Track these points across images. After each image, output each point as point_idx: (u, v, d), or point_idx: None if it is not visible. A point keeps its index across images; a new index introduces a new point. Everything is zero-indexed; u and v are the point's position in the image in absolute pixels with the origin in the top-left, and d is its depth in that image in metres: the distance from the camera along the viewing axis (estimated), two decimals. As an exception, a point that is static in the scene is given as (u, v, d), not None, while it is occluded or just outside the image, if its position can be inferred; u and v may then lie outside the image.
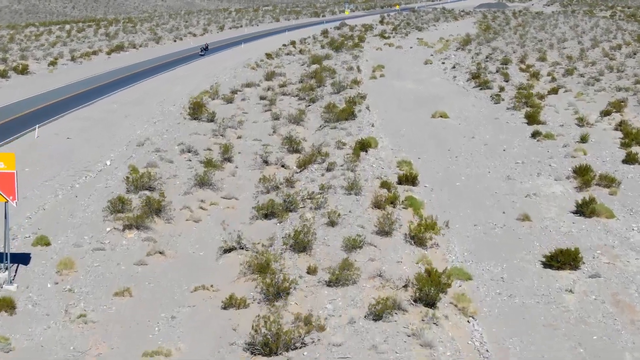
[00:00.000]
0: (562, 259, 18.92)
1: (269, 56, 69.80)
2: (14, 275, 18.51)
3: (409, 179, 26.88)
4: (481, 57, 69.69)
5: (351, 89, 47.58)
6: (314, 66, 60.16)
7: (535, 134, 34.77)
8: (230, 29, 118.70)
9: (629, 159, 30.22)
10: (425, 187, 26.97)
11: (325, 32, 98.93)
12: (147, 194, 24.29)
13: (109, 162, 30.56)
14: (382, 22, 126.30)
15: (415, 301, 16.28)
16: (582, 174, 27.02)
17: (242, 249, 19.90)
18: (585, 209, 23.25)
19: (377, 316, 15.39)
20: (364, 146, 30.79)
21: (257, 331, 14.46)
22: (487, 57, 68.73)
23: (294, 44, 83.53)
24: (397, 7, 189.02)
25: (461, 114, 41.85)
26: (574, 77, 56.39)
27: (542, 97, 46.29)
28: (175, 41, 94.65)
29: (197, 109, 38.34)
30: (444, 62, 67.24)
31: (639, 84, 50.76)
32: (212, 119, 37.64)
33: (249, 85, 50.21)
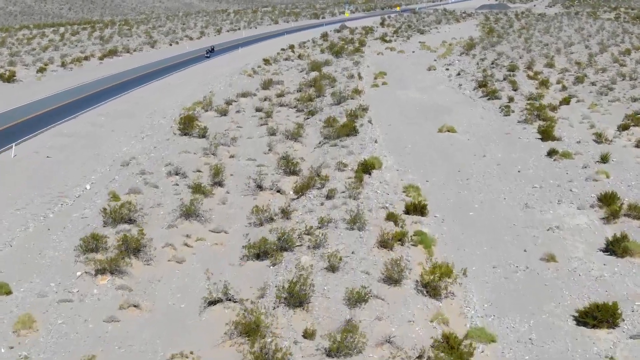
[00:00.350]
0: (599, 316, 16.33)
1: (266, 62, 67.31)
2: (-35, 335, 16.02)
3: (418, 208, 24.28)
4: (486, 62, 67.12)
5: (352, 99, 45.03)
6: (313, 73, 57.64)
7: (551, 153, 32.19)
8: (228, 31, 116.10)
9: (656, 183, 27.65)
10: (435, 217, 24.38)
11: (325, 36, 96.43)
12: (126, 228, 21.79)
13: (88, 186, 28.05)
14: (382, 24, 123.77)
15: (432, 375, 13.81)
16: (608, 203, 24.46)
17: (230, 300, 17.31)
18: (616, 248, 20.64)
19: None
20: (367, 168, 28.24)
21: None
22: (492, 63, 66.16)
23: (292, 48, 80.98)
24: (397, 9, 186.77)
25: (469, 127, 39.28)
26: (584, 85, 53.85)
27: (554, 108, 43.73)
28: (171, 45, 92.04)
29: (187, 124, 35.78)
30: (448, 69, 64.69)
31: (655, 93, 48.26)
32: (203, 135, 35.11)
33: (244, 94, 47.69)
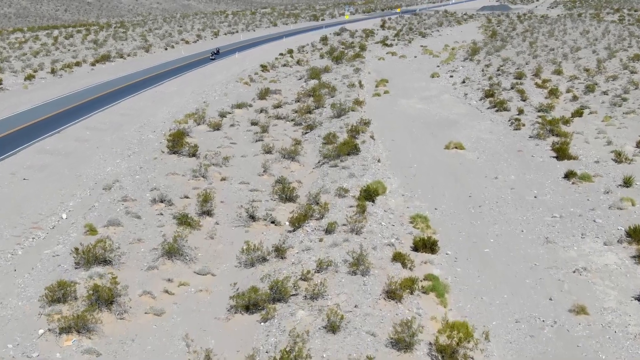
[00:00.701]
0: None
1: (264, 68, 64.94)
2: None
3: (427, 245, 21.84)
4: (492, 69, 64.74)
5: (353, 111, 42.61)
6: (312, 82, 55.25)
7: (568, 175, 29.76)
8: (225, 34, 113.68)
9: (686, 212, 25.22)
10: (447, 254, 21.93)
11: (324, 39, 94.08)
12: (99, 272, 19.34)
13: (64, 215, 25.59)
14: (383, 26, 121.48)
15: None
16: (639, 238, 22.06)
17: (213, 370, 14.89)
18: (654, 296, 18.29)
19: None
20: (370, 195, 25.81)
21: None
22: (498, 70, 63.77)
23: (291, 53, 78.60)
24: (398, 10, 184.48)
25: (478, 143, 36.84)
26: (596, 95, 51.39)
27: (567, 121, 41.27)
28: (166, 49, 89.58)
29: (177, 141, 33.31)
30: (452, 76, 62.31)
31: (671, 104, 45.83)
32: (193, 154, 32.66)
33: (239, 105, 45.30)
